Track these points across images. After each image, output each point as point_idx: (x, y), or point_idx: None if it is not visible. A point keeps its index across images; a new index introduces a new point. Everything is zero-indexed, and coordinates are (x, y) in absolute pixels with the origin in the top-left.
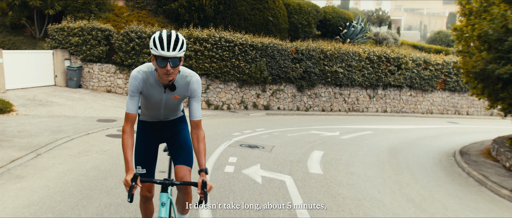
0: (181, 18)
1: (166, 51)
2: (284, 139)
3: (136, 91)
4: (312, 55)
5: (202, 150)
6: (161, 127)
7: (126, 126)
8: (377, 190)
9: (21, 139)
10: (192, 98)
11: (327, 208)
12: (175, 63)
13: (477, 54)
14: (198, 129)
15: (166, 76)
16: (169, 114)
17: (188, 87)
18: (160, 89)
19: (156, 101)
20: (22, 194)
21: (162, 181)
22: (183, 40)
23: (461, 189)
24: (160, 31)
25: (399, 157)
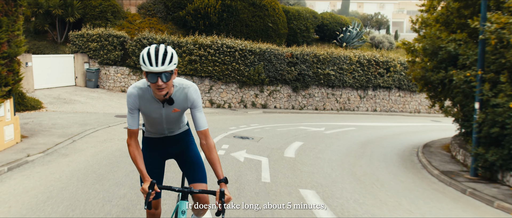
0: (188, 25)
1: (155, 66)
2: (273, 132)
3: (133, 108)
4: (306, 59)
5: (216, 160)
6: (167, 143)
7: (130, 140)
8: (330, 168)
9: (57, 130)
10: (194, 109)
11: (285, 177)
12: (166, 78)
13: (418, 63)
14: (207, 138)
15: (159, 91)
16: (173, 128)
17: (187, 98)
18: (157, 104)
19: (157, 117)
20: (71, 164)
21: (181, 189)
22: (172, 53)
23: (403, 170)
24: (149, 46)
25: (368, 147)
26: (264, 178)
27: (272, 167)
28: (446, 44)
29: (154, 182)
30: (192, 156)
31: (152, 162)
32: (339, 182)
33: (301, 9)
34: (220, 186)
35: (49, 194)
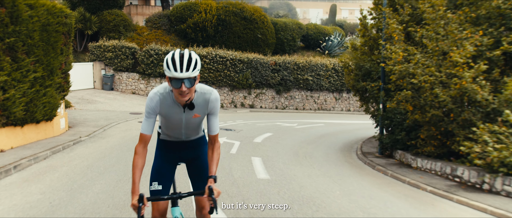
0: (189, 37)
1: (179, 72)
2: (252, 127)
3: (152, 112)
4: (288, 66)
5: (215, 159)
6: (182, 147)
7: (138, 147)
8: (282, 148)
9: (90, 122)
10: (211, 115)
11: (246, 152)
12: (190, 83)
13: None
14: (216, 142)
15: (181, 96)
16: (191, 134)
17: (208, 104)
18: (179, 109)
19: (177, 121)
20: (109, 142)
21: (169, 196)
22: (196, 59)
23: (337, 152)
24: (173, 51)
25: (324, 138)
26: (232, 151)
27: (240, 147)
28: (364, 63)
29: (143, 195)
30: (203, 168)
31: (163, 165)
32: (281, 156)
33: (288, 21)
34: (208, 182)
35: (102, 155)
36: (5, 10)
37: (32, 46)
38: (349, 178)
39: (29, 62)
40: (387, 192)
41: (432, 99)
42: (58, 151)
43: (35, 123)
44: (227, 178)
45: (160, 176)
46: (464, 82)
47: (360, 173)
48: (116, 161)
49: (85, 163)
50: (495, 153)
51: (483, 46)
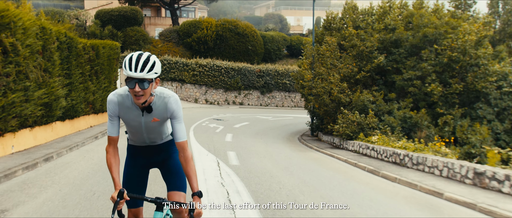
0: (193, 48)
1: (133, 71)
2: (237, 118)
3: (113, 115)
4: (270, 73)
5: (192, 173)
6: (149, 152)
7: (108, 147)
8: (249, 131)
9: None
10: (173, 119)
11: (226, 130)
12: (145, 85)
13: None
14: (185, 150)
15: (136, 98)
16: (154, 138)
17: (167, 108)
18: (137, 112)
19: (137, 125)
20: None
21: (154, 199)
22: (154, 62)
23: (288, 135)
24: (133, 53)
25: (285, 127)
26: (216, 131)
27: (223, 129)
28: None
29: (123, 190)
30: (173, 165)
31: (134, 171)
32: (246, 135)
33: (275, 34)
34: (193, 199)
35: None
36: (94, 52)
37: (104, 69)
38: (278, 145)
39: (102, 78)
40: (291, 149)
41: (324, 101)
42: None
43: (102, 112)
44: (210, 141)
45: (130, 186)
46: (335, 93)
47: (289, 145)
48: None
49: None
50: (341, 129)
51: (354, 72)
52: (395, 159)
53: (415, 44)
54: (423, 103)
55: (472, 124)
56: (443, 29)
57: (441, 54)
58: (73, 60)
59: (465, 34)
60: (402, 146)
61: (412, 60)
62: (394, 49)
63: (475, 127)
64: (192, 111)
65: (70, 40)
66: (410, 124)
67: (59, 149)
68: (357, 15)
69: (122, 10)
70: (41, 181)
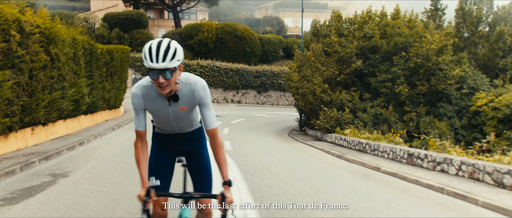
0: (195, 50)
1: (155, 62)
2: (234, 114)
3: (138, 108)
4: (266, 73)
5: (223, 160)
6: (178, 140)
7: (136, 142)
8: (244, 126)
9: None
10: (202, 106)
11: (224, 125)
12: (167, 75)
13: (288, 84)
14: (215, 138)
15: (161, 89)
16: (184, 126)
17: (194, 95)
18: (163, 102)
19: (164, 115)
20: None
21: (181, 194)
22: (175, 48)
23: (279, 130)
24: (152, 41)
25: (278, 123)
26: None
27: (221, 124)
28: (293, 78)
29: (151, 188)
30: (202, 163)
31: (161, 160)
32: (241, 129)
33: (271, 36)
34: (224, 188)
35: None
36: (109, 56)
37: (117, 70)
38: (268, 137)
39: (116, 78)
40: (278, 141)
41: (308, 99)
42: (130, 121)
43: (115, 108)
44: None
45: (157, 171)
46: (318, 92)
47: (277, 137)
48: None
49: None
50: (322, 124)
51: (335, 75)
52: (359, 147)
53: (388, 50)
54: (394, 102)
55: (432, 120)
56: (412, 39)
57: (409, 60)
58: (94, 63)
59: (428, 44)
60: (366, 137)
61: (385, 64)
62: (371, 55)
63: (434, 123)
64: None
65: (91, 46)
66: (381, 119)
67: (87, 137)
68: (341, 23)
69: (129, 13)
70: (83, 157)
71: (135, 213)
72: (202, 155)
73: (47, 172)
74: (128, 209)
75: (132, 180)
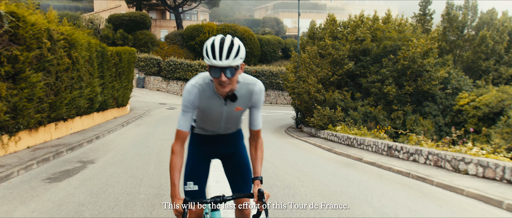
0: (196, 51)
1: (218, 60)
2: None
3: (190, 106)
4: (265, 73)
5: (260, 157)
6: (218, 142)
7: (175, 145)
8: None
9: (139, 108)
10: (255, 108)
11: None
12: (231, 73)
13: (285, 84)
14: (259, 137)
15: (222, 87)
16: (230, 128)
17: (251, 96)
18: (219, 101)
19: (217, 115)
20: (155, 117)
21: (213, 198)
22: (239, 46)
23: (277, 127)
24: (214, 36)
25: (276, 121)
26: None
27: None
28: (289, 78)
29: (188, 199)
30: (243, 165)
31: (199, 163)
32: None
33: (270, 37)
34: (255, 184)
35: (156, 120)
36: (118, 57)
37: (125, 71)
38: (265, 133)
39: (123, 78)
40: (275, 136)
41: (304, 98)
42: (137, 118)
43: (122, 106)
44: None
45: (195, 175)
46: (312, 92)
47: (274, 134)
48: (163, 123)
49: (151, 122)
50: (316, 121)
51: (329, 75)
52: (348, 142)
53: (379, 53)
54: (383, 101)
55: (418, 118)
56: (400, 42)
57: (397, 62)
58: (105, 64)
59: (414, 47)
60: (354, 133)
61: (376, 66)
62: (362, 57)
63: (419, 121)
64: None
65: (102, 49)
66: (370, 117)
67: (101, 132)
68: (336, 27)
69: (132, 15)
70: (102, 148)
71: (156, 187)
72: (242, 156)
73: (76, 159)
74: (151, 184)
75: (149, 166)
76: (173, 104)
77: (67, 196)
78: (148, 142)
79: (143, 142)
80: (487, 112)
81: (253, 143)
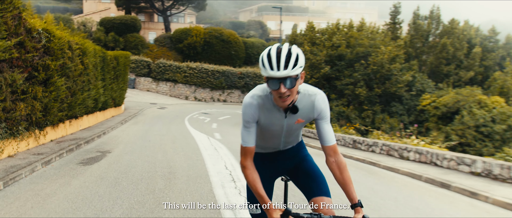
0: (185, 53)
1: (276, 70)
2: (221, 112)
3: (251, 121)
4: (250, 75)
5: (349, 180)
6: (280, 158)
7: (245, 161)
8: (229, 121)
9: (132, 108)
10: (321, 120)
11: (211, 121)
12: (290, 84)
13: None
14: (336, 155)
15: (282, 100)
16: (290, 142)
17: (314, 107)
18: (280, 114)
19: (277, 129)
20: (148, 116)
21: (309, 215)
22: (297, 54)
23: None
24: (270, 46)
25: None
26: (205, 121)
27: (210, 120)
28: None
29: (289, 210)
30: (311, 167)
31: (263, 182)
32: (227, 124)
33: (255, 40)
34: (356, 211)
35: (150, 119)
36: (115, 61)
37: (121, 73)
38: None
39: (120, 80)
40: None
41: None
42: (133, 117)
43: (118, 106)
44: (201, 127)
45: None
46: None
47: None
48: (157, 121)
49: (146, 121)
50: None
51: (307, 79)
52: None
53: (352, 58)
54: (355, 102)
55: (385, 117)
56: (371, 49)
57: (368, 67)
58: (105, 68)
59: (382, 54)
60: None
61: (349, 70)
62: (338, 62)
63: (387, 119)
64: (184, 106)
65: (103, 54)
66: (344, 116)
67: (106, 128)
68: (314, 33)
69: (123, 18)
70: (111, 142)
71: (167, 167)
72: (308, 161)
73: (95, 150)
74: (163, 166)
75: (156, 154)
76: (163, 104)
77: (102, 173)
78: (149, 137)
79: (144, 137)
80: (445, 111)
81: (334, 164)
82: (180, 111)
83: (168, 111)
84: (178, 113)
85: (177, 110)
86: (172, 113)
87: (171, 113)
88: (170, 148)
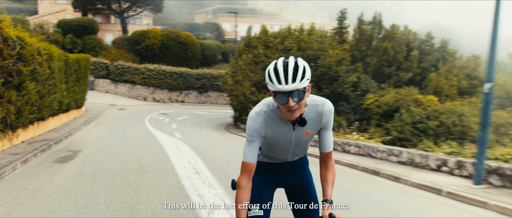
0: (142, 55)
1: (284, 84)
2: (179, 112)
3: (256, 135)
4: (206, 76)
5: (330, 180)
6: (284, 169)
7: (242, 179)
8: (188, 122)
9: (92, 109)
10: (325, 129)
11: (171, 121)
12: (298, 97)
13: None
14: (330, 159)
15: (290, 113)
16: (297, 153)
17: (321, 118)
18: (287, 127)
19: (285, 142)
20: (109, 117)
21: None
22: (304, 66)
23: (217, 125)
24: (276, 60)
25: (216, 119)
26: (164, 122)
27: (169, 120)
28: (228, 82)
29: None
30: (310, 193)
31: (262, 187)
32: (186, 124)
33: (211, 42)
34: (325, 207)
35: (111, 120)
36: (77, 64)
37: (83, 75)
38: (208, 130)
39: (82, 82)
40: (215, 132)
41: (240, 99)
42: (94, 118)
43: (79, 108)
44: (161, 127)
45: (259, 199)
46: (247, 94)
47: (215, 130)
48: (118, 123)
49: (107, 122)
50: None
51: (261, 80)
52: None
53: None
54: None
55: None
56: (320, 52)
57: (317, 69)
58: (68, 71)
59: (329, 57)
60: None
61: None
62: None
63: (334, 117)
64: (143, 107)
65: (66, 58)
66: None
67: (71, 130)
68: (268, 36)
69: (81, 20)
70: (79, 142)
71: (137, 163)
72: (309, 184)
73: (66, 149)
74: (133, 162)
75: (124, 152)
76: (122, 105)
77: (79, 169)
78: (113, 137)
79: (109, 137)
80: (387, 109)
81: (323, 165)
82: (140, 112)
83: (128, 112)
84: (138, 114)
85: (137, 111)
86: (132, 114)
87: (131, 114)
88: (136, 147)
